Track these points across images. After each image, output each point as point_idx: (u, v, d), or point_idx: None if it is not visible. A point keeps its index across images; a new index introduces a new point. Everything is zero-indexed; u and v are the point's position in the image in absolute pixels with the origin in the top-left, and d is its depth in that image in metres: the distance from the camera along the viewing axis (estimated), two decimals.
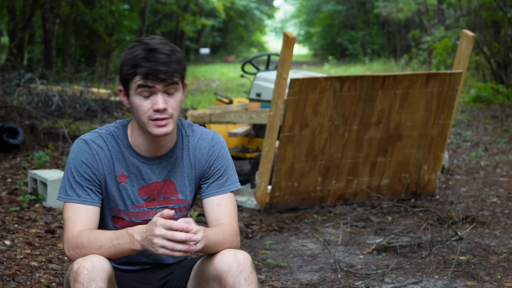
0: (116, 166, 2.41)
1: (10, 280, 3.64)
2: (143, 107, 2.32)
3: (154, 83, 2.28)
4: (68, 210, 2.35)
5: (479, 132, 10.36)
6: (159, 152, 2.43)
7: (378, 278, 3.92)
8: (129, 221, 2.44)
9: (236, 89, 17.98)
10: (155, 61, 2.28)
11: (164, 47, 2.31)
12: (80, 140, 2.41)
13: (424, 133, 5.88)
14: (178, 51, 2.34)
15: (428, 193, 6.10)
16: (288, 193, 5.61)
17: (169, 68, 2.29)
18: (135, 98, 2.32)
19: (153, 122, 2.32)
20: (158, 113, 2.31)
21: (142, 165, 2.42)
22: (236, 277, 2.28)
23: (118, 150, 2.42)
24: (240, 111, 6.18)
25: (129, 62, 2.30)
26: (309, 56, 48.78)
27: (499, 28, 15.12)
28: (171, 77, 2.30)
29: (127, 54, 2.32)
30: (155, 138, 2.38)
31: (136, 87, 2.31)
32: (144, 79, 2.28)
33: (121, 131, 2.44)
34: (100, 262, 2.22)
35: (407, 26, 29.05)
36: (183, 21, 28.80)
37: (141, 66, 2.28)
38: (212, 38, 39.58)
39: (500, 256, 4.36)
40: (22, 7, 18.50)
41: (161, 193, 2.46)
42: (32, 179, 5.61)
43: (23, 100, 11.15)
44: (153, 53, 2.29)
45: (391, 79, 5.59)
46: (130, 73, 2.30)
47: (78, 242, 2.28)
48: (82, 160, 2.37)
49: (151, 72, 2.27)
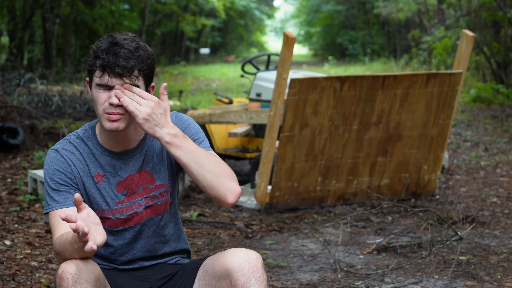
0: (91, 168, 2.42)
1: (10, 280, 3.64)
2: (100, 99, 2.32)
3: (111, 76, 2.29)
4: (50, 219, 2.38)
5: (479, 132, 10.36)
6: (129, 146, 2.45)
7: (378, 278, 3.92)
8: (115, 219, 2.45)
9: (236, 89, 17.97)
10: (115, 54, 2.28)
11: (129, 43, 2.31)
12: (51, 151, 2.44)
13: (424, 133, 5.88)
14: (144, 50, 2.33)
15: (428, 193, 6.10)
16: (288, 193, 5.61)
17: (127, 64, 2.28)
18: (94, 91, 2.34)
19: (106, 116, 2.32)
20: (112, 108, 2.31)
21: (115, 161, 2.44)
22: (247, 277, 2.28)
23: (89, 152, 2.43)
24: (240, 111, 6.18)
25: (92, 53, 2.32)
26: (309, 56, 48.78)
27: (499, 28, 15.12)
28: (129, 73, 2.29)
29: (94, 46, 2.34)
30: (111, 133, 2.39)
31: (95, 81, 2.32)
32: (102, 71, 2.29)
33: (90, 132, 2.46)
34: (83, 264, 2.23)
35: (407, 26, 29.05)
36: (183, 21, 28.80)
37: (100, 58, 2.29)
38: (212, 38, 39.58)
39: (500, 256, 4.36)
40: (22, 7, 18.50)
41: (139, 184, 2.46)
42: (32, 179, 5.61)
43: (23, 100, 11.15)
44: (115, 46, 2.29)
45: (391, 79, 5.59)
46: (91, 64, 2.32)
47: (57, 249, 2.30)
48: (55, 168, 2.39)
49: (107, 65, 2.28)
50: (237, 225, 5.14)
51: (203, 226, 5.14)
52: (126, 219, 2.45)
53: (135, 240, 2.49)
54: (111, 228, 2.46)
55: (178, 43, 33.13)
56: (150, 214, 2.48)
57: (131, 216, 2.45)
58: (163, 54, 31.44)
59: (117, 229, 2.46)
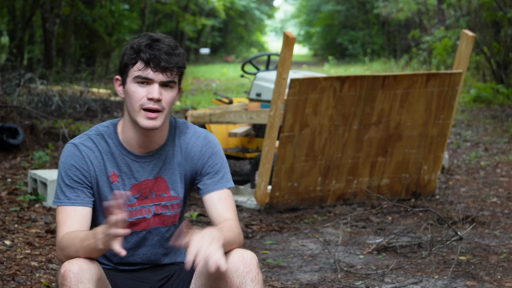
0: (108, 166, 2.41)
1: (10, 280, 3.64)
2: (138, 94, 2.33)
3: (154, 70, 2.31)
4: (58, 213, 2.38)
5: (479, 132, 10.36)
6: (150, 149, 2.43)
7: (378, 278, 3.92)
8: None
9: (236, 89, 17.97)
10: (159, 50, 2.31)
11: (169, 40, 2.36)
12: (70, 144, 2.42)
13: (424, 133, 5.88)
14: (182, 50, 2.38)
15: (428, 193, 6.10)
16: (288, 193, 5.61)
17: (171, 59, 2.32)
18: (131, 85, 2.34)
19: (144, 113, 2.33)
20: (151, 103, 2.32)
21: (133, 163, 2.43)
22: (243, 278, 2.28)
23: (108, 150, 2.42)
24: (240, 111, 6.18)
25: (132, 48, 2.33)
26: (309, 56, 48.77)
27: (499, 28, 15.13)
28: (171, 69, 2.33)
29: (131, 43, 2.35)
30: (144, 131, 2.38)
31: (135, 74, 2.33)
32: (145, 65, 2.31)
33: (111, 130, 2.44)
34: (86, 263, 2.23)
35: (407, 26, 29.04)
36: (183, 21, 28.80)
37: (144, 52, 2.31)
38: (212, 38, 39.57)
39: (500, 256, 4.37)
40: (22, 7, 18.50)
41: (153, 190, 2.45)
42: (32, 179, 5.61)
43: (23, 100, 11.15)
44: (157, 42, 2.33)
45: (391, 79, 5.59)
46: (132, 58, 2.33)
47: (63, 245, 2.30)
48: (72, 163, 2.38)
49: (153, 59, 2.30)
50: None
51: (203, 226, 5.14)
52: (134, 223, 2.44)
53: (138, 246, 2.48)
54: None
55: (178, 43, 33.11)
56: (157, 223, 2.47)
57: (139, 221, 2.45)
58: None
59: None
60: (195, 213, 5.43)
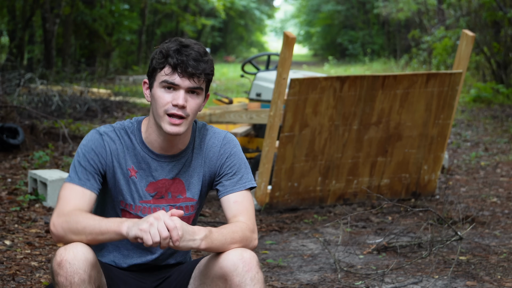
0: (127, 160, 2.43)
1: (10, 280, 3.64)
2: (163, 100, 2.34)
3: (181, 76, 2.31)
4: (65, 189, 2.36)
5: (479, 132, 10.36)
6: (171, 152, 2.45)
7: (378, 278, 3.92)
8: (135, 215, 2.44)
9: (236, 89, 17.98)
10: (187, 55, 2.32)
11: (198, 46, 2.37)
12: (95, 131, 2.44)
13: (424, 133, 5.88)
14: (210, 57, 2.39)
15: (428, 193, 6.10)
16: (288, 193, 5.61)
17: (199, 65, 2.33)
18: (158, 90, 2.36)
19: (169, 119, 2.34)
20: (175, 109, 2.33)
21: (153, 161, 2.44)
22: (242, 276, 2.27)
23: (131, 145, 2.43)
24: (240, 111, 6.18)
25: (161, 53, 2.35)
26: (309, 56, 48.77)
27: (499, 28, 15.13)
28: (199, 75, 2.33)
29: (160, 47, 2.37)
30: (167, 136, 2.40)
31: (162, 79, 2.34)
32: (172, 70, 2.32)
33: (135, 126, 2.46)
34: (82, 252, 2.21)
35: (407, 26, 29.05)
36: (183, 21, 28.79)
37: (172, 57, 2.32)
38: (212, 38, 39.58)
39: (500, 256, 4.36)
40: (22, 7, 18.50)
41: (170, 191, 2.46)
42: (32, 179, 5.61)
43: (23, 100, 11.15)
44: (186, 48, 2.34)
45: (391, 79, 5.59)
46: (160, 62, 2.34)
47: (66, 221, 2.27)
48: (92, 147, 2.40)
49: (180, 64, 2.31)
50: None
51: (203, 226, 5.13)
52: None
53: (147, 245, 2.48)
54: None
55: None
56: None
57: None
58: None
59: None
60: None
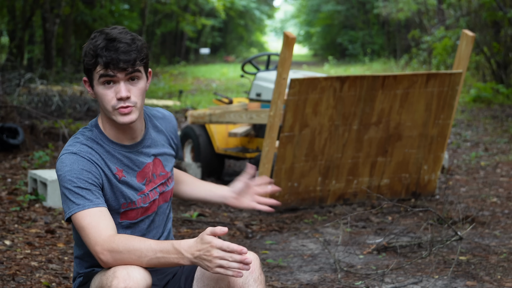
0: (110, 165, 2.42)
1: (10, 280, 3.64)
2: (107, 96, 2.34)
3: (115, 72, 2.30)
4: (83, 218, 2.27)
5: (479, 132, 10.36)
6: (137, 138, 2.47)
7: (378, 278, 3.92)
8: (139, 209, 2.45)
9: (236, 89, 17.97)
10: (115, 50, 2.29)
11: (124, 36, 2.33)
12: (69, 154, 2.35)
13: (424, 133, 5.88)
14: (139, 39, 2.36)
15: (428, 193, 6.10)
16: (288, 193, 5.61)
17: (129, 57, 2.31)
18: (99, 88, 2.35)
19: (118, 111, 2.34)
20: (121, 102, 2.33)
21: (130, 154, 2.45)
22: (245, 278, 2.29)
23: (104, 150, 2.42)
24: (240, 111, 6.18)
25: (90, 52, 2.32)
26: (309, 56, 48.78)
27: (499, 28, 15.13)
28: (132, 65, 2.32)
29: (89, 44, 2.34)
30: (124, 126, 2.40)
31: (98, 77, 2.33)
32: (105, 68, 2.30)
33: (96, 131, 2.44)
34: (145, 279, 2.20)
35: (407, 26, 29.05)
36: (183, 21, 28.80)
37: (101, 55, 2.30)
38: (212, 38, 39.59)
39: (500, 256, 4.36)
40: (22, 7, 18.50)
41: (153, 172, 2.50)
42: (32, 179, 5.61)
43: (23, 100, 11.15)
44: (113, 42, 2.31)
45: (391, 79, 5.59)
46: (91, 63, 2.32)
47: (113, 248, 2.21)
48: (81, 168, 2.32)
49: (111, 61, 2.29)
50: (237, 225, 5.14)
51: (203, 226, 5.14)
52: (147, 208, 2.47)
53: (149, 231, 2.50)
54: (132, 220, 2.45)
55: (178, 43, 33.12)
56: (161, 202, 2.52)
57: (150, 204, 2.48)
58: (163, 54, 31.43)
59: (137, 220, 2.46)
60: (195, 213, 5.43)
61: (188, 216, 5.37)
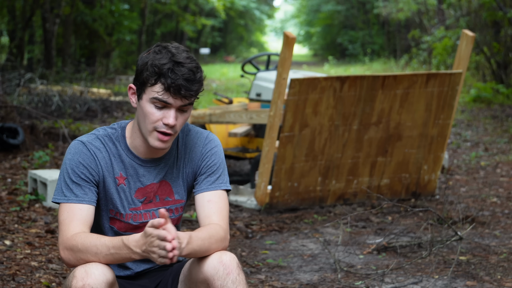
0: (115, 168, 2.40)
1: (10, 280, 3.64)
2: (154, 116, 2.30)
3: (175, 97, 2.27)
4: (63, 211, 2.32)
5: (479, 132, 10.36)
6: (156, 156, 2.43)
7: (378, 278, 3.92)
8: (126, 223, 2.43)
9: (236, 89, 17.98)
10: (181, 75, 2.26)
11: (189, 62, 2.29)
12: (77, 142, 2.38)
13: (424, 133, 5.88)
14: (201, 69, 2.33)
15: (428, 193, 6.10)
16: (288, 193, 5.61)
17: (192, 86, 2.28)
18: (147, 105, 2.30)
19: (157, 134, 2.31)
20: (165, 127, 2.30)
21: (139, 167, 2.42)
22: (223, 280, 2.27)
23: (116, 152, 2.40)
24: (240, 111, 6.18)
25: (153, 68, 2.27)
26: (309, 56, 48.77)
27: (499, 28, 15.13)
28: (190, 96, 2.29)
29: (153, 60, 2.28)
30: (153, 148, 2.38)
31: (153, 95, 2.28)
32: (164, 90, 2.26)
33: (119, 133, 2.42)
34: (104, 274, 2.20)
35: (407, 26, 29.05)
36: (183, 21, 28.79)
37: (165, 76, 2.25)
38: (212, 38, 39.58)
39: (500, 256, 4.37)
40: (22, 7, 18.50)
41: (157, 194, 2.45)
42: (32, 179, 5.61)
43: (23, 100, 11.15)
44: (179, 66, 2.26)
45: (391, 79, 5.59)
46: (153, 79, 2.27)
47: (73, 246, 2.24)
48: (80, 161, 2.34)
49: (174, 86, 2.25)
50: (237, 225, 5.14)
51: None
52: (137, 226, 2.43)
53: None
54: (120, 230, 2.44)
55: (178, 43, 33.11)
56: None
57: (143, 225, 2.43)
58: None
59: (124, 233, 2.43)
60: (195, 213, 5.43)
61: (188, 216, 5.38)
